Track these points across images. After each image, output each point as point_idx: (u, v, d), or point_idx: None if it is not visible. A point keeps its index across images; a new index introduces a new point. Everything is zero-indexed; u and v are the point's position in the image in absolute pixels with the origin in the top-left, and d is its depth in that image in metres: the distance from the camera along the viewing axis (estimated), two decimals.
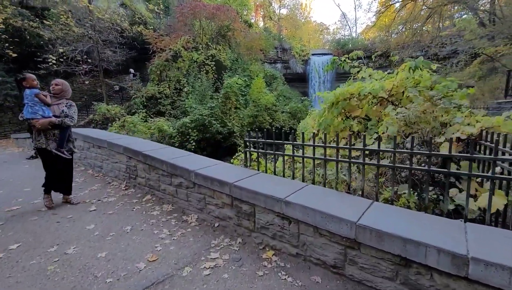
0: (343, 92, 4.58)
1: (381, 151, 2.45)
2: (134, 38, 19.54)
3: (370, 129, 4.40)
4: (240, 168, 3.18)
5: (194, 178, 3.01)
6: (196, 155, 3.71)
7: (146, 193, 3.89)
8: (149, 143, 4.54)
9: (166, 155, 3.60)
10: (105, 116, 11.45)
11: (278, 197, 2.28)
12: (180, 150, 4.00)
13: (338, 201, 2.20)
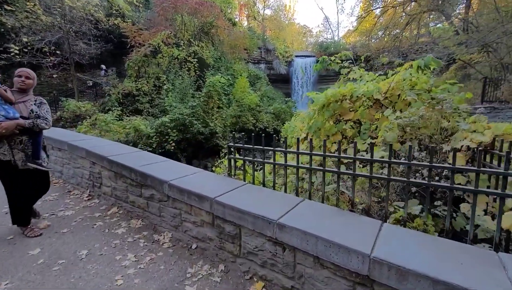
0: (335, 94, 4.27)
1: (374, 161, 2.10)
2: (110, 31, 18.41)
3: (363, 134, 4.11)
4: (224, 177, 2.74)
5: (167, 190, 2.53)
6: (173, 162, 3.21)
7: (112, 205, 3.33)
8: (119, 146, 3.97)
9: (136, 161, 3.07)
10: (75, 113, 10.49)
11: (270, 218, 1.86)
12: (155, 156, 3.48)
13: (342, 223, 1.83)
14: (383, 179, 2.08)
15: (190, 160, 13.71)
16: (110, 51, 19.52)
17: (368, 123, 4.06)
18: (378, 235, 1.68)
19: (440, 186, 1.90)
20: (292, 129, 6.13)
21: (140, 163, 3.03)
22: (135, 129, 10.52)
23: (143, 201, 2.90)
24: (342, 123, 4.31)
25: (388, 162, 2.02)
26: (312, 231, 1.69)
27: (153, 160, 3.20)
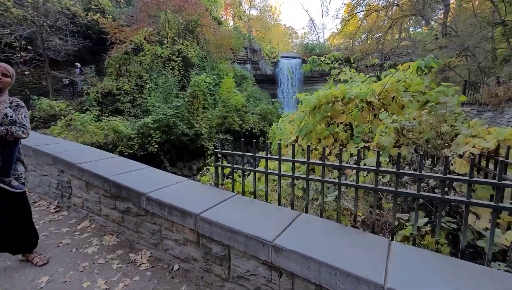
0: (327, 95, 4.08)
1: (361, 169, 1.92)
2: (88, 26, 17.49)
3: (356, 137, 3.95)
4: (210, 188, 2.45)
5: (145, 204, 2.22)
6: (153, 170, 2.89)
7: (83, 218, 2.96)
8: (93, 151, 3.58)
9: (110, 169, 2.73)
10: (49, 113, 9.76)
11: (264, 239, 1.61)
12: (134, 162, 3.13)
13: (347, 243, 1.60)
14: (369, 189, 1.89)
15: (175, 162, 13.23)
16: (88, 48, 18.56)
17: (361, 126, 3.90)
18: (388, 257, 1.47)
19: (430, 197, 1.76)
20: (281, 132, 5.91)
21: (115, 171, 2.68)
22: (115, 130, 9.93)
23: (118, 215, 2.56)
24: (334, 126, 4.14)
25: (375, 170, 1.85)
26: (314, 255, 1.46)
27: (131, 168, 2.86)
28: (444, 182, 1.65)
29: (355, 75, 5.13)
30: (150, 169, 2.89)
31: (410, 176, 2.40)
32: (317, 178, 2.05)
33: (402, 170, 1.79)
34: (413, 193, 1.71)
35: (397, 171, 1.74)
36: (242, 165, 2.34)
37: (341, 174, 1.97)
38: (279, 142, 2.82)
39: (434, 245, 1.61)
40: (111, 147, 10.68)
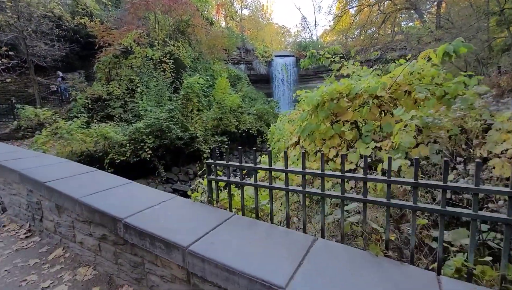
0: (331, 91, 3.69)
1: (369, 179, 1.53)
2: (76, 30, 16.95)
3: (365, 136, 3.57)
4: (202, 206, 2.04)
5: (123, 232, 1.80)
6: (137, 187, 2.46)
7: (56, 245, 2.53)
8: (69, 165, 3.13)
9: (84, 188, 2.30)
10: (34, 121, 9.24)
11: (274, 283, 1.21)
12: (114, 177, 2.70)
13: (384, 281, 1.21)
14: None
15: (170, 167, 12.76)
16: (76, 53, 18.01)
17: (371, 124, 3.52)
18: None
19: (376, 202, 1.52)
20: (280, 132, 5.52)
21: (90, 190, 2.26)
22: (104, 137, 9.45)
23: (94, 243, 2.14)
24: (339, 125, 3.75)
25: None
26: None
27: (110, 184, 2.43)
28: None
29: (358, 69, 4.77)
30: (132, 185, 2.46)
31: (433, 188, 2.06)
32: (336, 194, 1.65)
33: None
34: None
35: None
36: (241, 178, 1.93)
37: (366, 189, 1.57)
38: (285, 150, 2.41)
39: (500, 284, 1.21)
40: (102, 155, 10.19)
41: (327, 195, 1.65)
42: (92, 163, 10.25)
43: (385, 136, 3.45)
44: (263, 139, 17.68)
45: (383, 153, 3.36)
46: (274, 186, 1.81)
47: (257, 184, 1.86)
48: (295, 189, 1.77)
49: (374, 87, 3.18)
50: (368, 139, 3.50)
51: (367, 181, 1.58)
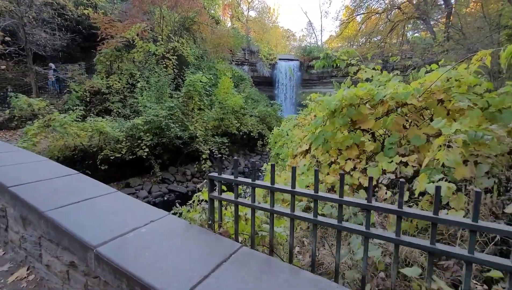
0: (351, 96, 3.28)
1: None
2: (78, 21, 16.55)
3: (389, 149, 3.15)
4: (201, 232, 1.61)
5: (94, 264, 1.37)
6: (120, 198, 2.02)
7: (21, 262, 2.09)
8: (47, 165, 2.68)
9: (55, 197, 1.87)
10: (26, 112, 8.79)
11: None
12: (97, 184, 2.26)
13: None
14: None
15: (167, 167, 12.31)
16: (78, 44, 17.61)
17: (396, 136, 3.10)
18: None
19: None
20: (288, 138, 5.09)
21: (63, 200, 1.82)
22: (100, 132, 9.00)
23: (62, 269, 1.70)
24: (359, 134, 3.34)
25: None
26: None
27: (90, 193, 1.99)
28: None
29: (376, 73, 4.36)
30: (117, 196, 2.02)
31: None
32: (389, 236, 1.22)
33: None
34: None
35: None
36: (253, 199, 1.50)
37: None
38: (293, 166, 2.00)
39: None
40: (96, 150, 9.75)
41: (373, 235, 1.22)
42: (85, 159, 9.80)
43: (412, 150, 3.04)
44: (264, 142, 17.27)
45: (409, 170, 2.96)
46: (297, 215, 1.38)
47: (274, 209, 1.42)
48: (329, 223, 1.33)
49: (405, 93, 2.77)
50: (392, 152, 3.08)
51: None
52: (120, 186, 10.66)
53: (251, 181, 1.45)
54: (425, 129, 3.06)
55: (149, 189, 10.72)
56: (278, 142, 7.66)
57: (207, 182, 1.63)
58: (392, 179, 3.01)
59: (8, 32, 11.96)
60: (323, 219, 1.33)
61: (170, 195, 10.89)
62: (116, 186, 10.67)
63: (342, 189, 1.31)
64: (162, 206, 8.18)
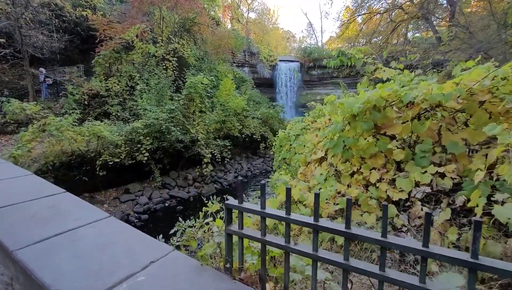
0: (377, 98, 2.91)
1: None
2: (77, 23, 16.25)
3: (421, 158, 2.78)
4: (215, 278, 1.23)
5: None
6: (113, 225, 1.64)
7: None
8: (29, 182, 2.30)
9: (32, 226, 1.50)
10: (21, 116, 8.43)
11: None
12: (83, 206, 1.88)
13: None
14: None
15: (168, 171, 11.94)
16: (76, 46, 17.32)
17: (429, 142, 2.73)
18: None
19: None
20: (300, 143, 4.72)
21: (42, 231, 1.45)
22: (98, 136, 8.64)
23: None
24: (385, 140, 2.96)
25: None
26: None
27: (76, 220, 1.62)
28: None
29: (394, 73, 4.00)
30: (109, 223, 1.64)
31: None
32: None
33: None
34: None
35: None
36: (287, 239, 1.12)
37: None
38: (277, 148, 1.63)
39: None
40: (94, 155, 9.38)
41: None
42: (83, 164, 9.43)
43: (449, 158, 2.67)
44: (266, 145, 16.88)
45: (447, 182, 2.58)
46: (352, 265, 1.00)
47: (316, 255, 1.04)
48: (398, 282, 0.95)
49: (446, 94, 2.41)
50: (425, 161, 2.71)
51: None
52: (119, 192, 10.29)
53: (285, 214, 1.08)
54: (461, 134, 2.70)
55: (149, 195, 10.35)
56: (283, 145, 7.29)
57: (224, 211, 1.25)
58: (428, 192, 2.65)
59: (4, 34, 11.64)
60: None
61: (172, 201, 10.51)
62: (115, 192, 10.30)
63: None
64: (163, 213, 7.79)
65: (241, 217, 1.22)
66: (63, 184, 8.80)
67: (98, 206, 9.26)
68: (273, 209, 1.14)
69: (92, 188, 9.73)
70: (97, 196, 9.65)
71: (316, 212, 1.04)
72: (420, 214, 2.54)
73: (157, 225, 8.79)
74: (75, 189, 9.61)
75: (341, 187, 3.08)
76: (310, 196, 3.12)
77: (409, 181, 2.68)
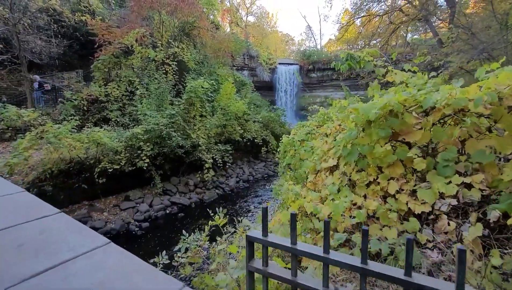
0: (396, 102, 2.72)
1: None
2: (76, 28, 16.14)
3: (444, 167, 2.59)
4: None
5: None
6: (113, 256, 1.43)
7: None
8: (20, 201, 2.08)
9: (15, 260, 1.29)
10: (18, 123, 8.25)
11: None
12: (78, 228, 1.68)
13: None
14: None
15: (169, 177, 11.73)
16: (75, 51, 17.19)
17: (453, 150, 2.54)
18: None
19: None
20: (309, 150, 4.53)
21: (27, 267, 1.25)
22: (97, 143, 8.44)
23: None
24: (404, 148, 2.77)
25: None
26: None
27: (70, 250, 1.41)
28: None
29: (407, 76, 3.83)
30: (106, 252, 1.43)
31: None
32: None
33: None
34: None
35: None
36: (325, 282, 0.92)
37: None
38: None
39: None
40: (94, 162, 9.17)
41: None
42: (82, 172, 9.22)
43: (475, 168, 2.48)
44: (268, 149, 16.69)
45: (475, 193, 2.39)
46: None
47: None
48: None
49: (476, 98, 2.22)
50: (449, 170, 2.51)
51: None
52: (119, 199, 10.07)
53: (322, 252, 0.88)
54: (487, 141, 2.51)
55: (150, 202, 10.12)
56: (288, 151, 7.09)
57: (245, 242, 1.05)
58: (454, 205, 2.45)
59: (2, 39, 11.50)
60: None
61: (173, 208, 10.27)
62: (115, 199, 10.08)
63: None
64: (164, 221, 7.53)
65: (266, 253, 1.02)
66: (62, 192, 8.57)
67: (98, 214, 9.03)
68: (307, 244, 0.94)
69: (91, 196, 9.51)
70: (97, 204, 9.42)
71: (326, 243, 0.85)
72: (446, 229, 2.34)
73: (158, 234, 8.56)
74: (74, 197, 9.42)
75: (357, 198, 2.87)
76: (323, 208, 2.92)
77: (432, 193, 2.48)
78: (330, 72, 30.04)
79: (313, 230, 2.91)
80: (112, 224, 8.56)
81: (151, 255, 6.55)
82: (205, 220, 10.13)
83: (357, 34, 27.72)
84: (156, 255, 3.08)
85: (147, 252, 6.94)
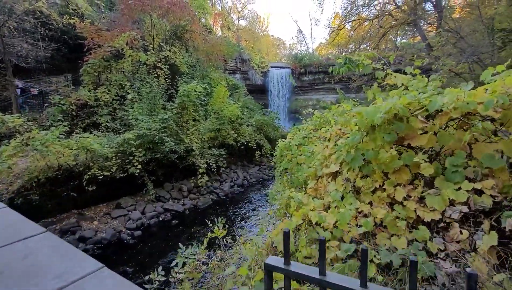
0: (401, 106, 2.64)
1: None
2: (64, 31, 15.73)
3: (453, 173, 2.51)
4: None
5: None
6: (108, 282, 1.27)
7: None
8: (2, 220, 1.91)
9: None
10: (2, 129, 7.86)
11: None
12: (66, 249, 1.54)
13: None
14: None
15: (162, 183, 11.45)
16: (63, 55, 16.75)
17: (462, 155, 2.47)
18: None
19: None
20: (310, 155, 4.42)
21: None
22: (87, 150, 8.13)
23: None
24: (411, 153, 2.69)
25: None
26: None
27: (56, 280, 1.24)
28: None
29: (407, 79, 3.78)
30: (100, 278, 1.27)
31: None
32: None
33: None
34: None
35: None
36: None
37: None
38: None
39: None
40: (83, 169, 8.84)
41: None
42: (71, 179, 8.87)
43: (485, 173, 2.41)
44: (262, 153, 16.57)
45: (486, 200, 2.31)
46: None
47: None
48: None
49: (487, 101, 2.15)
50: (458, 176, 2.43)
51: None
52: (110, 207, 9.73)
53: (359, 285, 0.75)
54: (495, 145, 2.45)
55: (142, 209, 9.82)
56: (285, 155, 6.98)
57: (264, 273, 0.92)
58: (465, 212, 2.37)
59: None
60: None
61: (166, 215, 10.00)
62: (106, 207, 9.74)
63: None
64: (157, 229, 7.27)
65: (288, 284, 0.88)
66: (50, 201, 8.20)
67: (88, 223, 8.68)
68: (338, 274, 0.81)
69: (81, 204, 9.16)
70: (87, 213, 9.07)
71: None
72: (459, 238, 2.25)
73: (151, 243, 8.27)
74: (62, 205, 9.04)
75: (362, 206, 2.77)
76: (328, 216, 2.80)
77: (441, 199, 2.39)
78: (322, 75, 30.31)
79: (318, 240, 2.80)
80: (102, 233, 8.23)
81: (144, 266, 6.28)
82: (199, 227, 9.91)
83: (348, 38, 28.07)
84: (149, 266, 2.90)
85: (140, 263, 6.66)
